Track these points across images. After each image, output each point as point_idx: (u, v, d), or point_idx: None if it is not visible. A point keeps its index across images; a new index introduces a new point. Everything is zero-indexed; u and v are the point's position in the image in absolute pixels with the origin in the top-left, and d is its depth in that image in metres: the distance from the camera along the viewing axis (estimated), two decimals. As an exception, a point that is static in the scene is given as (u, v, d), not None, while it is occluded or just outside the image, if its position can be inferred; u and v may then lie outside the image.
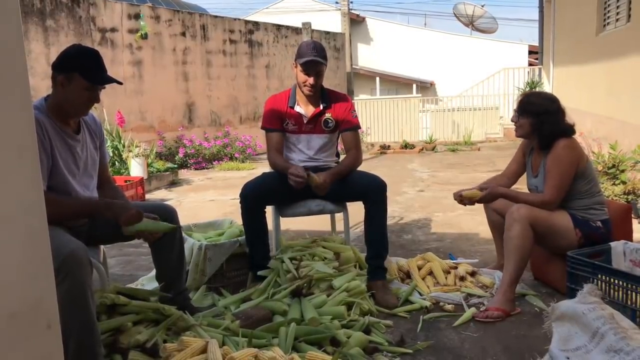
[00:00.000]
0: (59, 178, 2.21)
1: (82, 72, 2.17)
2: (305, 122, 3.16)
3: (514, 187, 3.09)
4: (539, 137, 2.81)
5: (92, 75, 2.20)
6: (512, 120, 2.95)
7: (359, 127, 3.26)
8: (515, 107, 2.93)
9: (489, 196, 2.88)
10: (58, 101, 2.22)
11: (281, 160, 3.12)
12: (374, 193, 2.94)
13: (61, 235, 2.01)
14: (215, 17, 10.61)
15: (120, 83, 2.33)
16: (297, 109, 3.15)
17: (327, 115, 3.17)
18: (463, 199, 2.89)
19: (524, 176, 3.08)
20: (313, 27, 11.82)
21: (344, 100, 3.24)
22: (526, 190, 3.03)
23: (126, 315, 2.32)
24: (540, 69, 12.58)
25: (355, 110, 3.27)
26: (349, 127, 3.20)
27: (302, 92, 3.11)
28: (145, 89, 8.84)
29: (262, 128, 3.23)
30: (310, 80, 3.04)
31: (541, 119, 2.76)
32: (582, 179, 2.74)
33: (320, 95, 3.17)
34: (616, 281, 2.29)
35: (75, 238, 2.05)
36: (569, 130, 2.79)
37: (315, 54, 3.01)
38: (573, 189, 2.74)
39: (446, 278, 3.06)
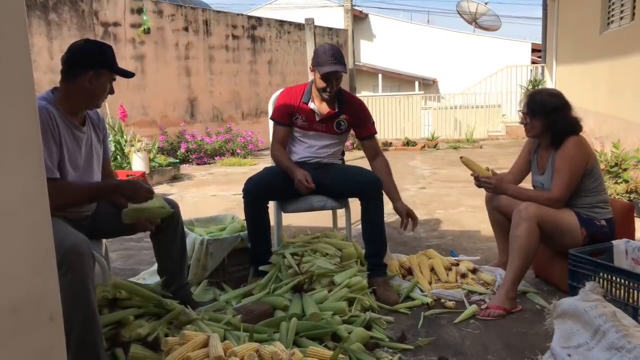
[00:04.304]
0: (61, 170, 2.22)
1: (109, 66, 2.25)
2: (317, 120, 3.14)
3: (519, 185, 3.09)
4: (551, 135, 2.80)
5: (116, 68, 2.29)
6: (521, 123, 2.93)
7: (376, 133, 3.27)
8: (521, 108, 2.90)
9: (493, 187, 2.88)
10: (76, 95, 2.24)
11: (285, 157, 3.11)
12: (369, 190, 2.93)
13: (64, 227, 2.01)
14: (218, 12, 10.59)
15: (133, 74, 2.45)
16: (312, 105, 3.12)
17: (341, 117, 3.15)
18: (462, 160, 3.00)
19: (529, 174, 3.07)
20: (316, 23, 11.78)
21: (360, 106, 3.24)
22: (531, 188, 3.02)
23: (128, 309, 2.33)
24: (543, 67, 12.54)
25: (371, 118, 3.28)
26: (368, 134, 3.21)
27: (321, 96, 3.09)
28: (148, 84, 8.84)
29: (271, 118, 3.21)
30: (331, 87, 3.02)
31: (552, 117, 2.75)
32: (589, 177, 2.74)
33: (337, 96, 3.13)
34: (618, 279, 2.29)
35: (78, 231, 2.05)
36: (578, 126, 2.78)
37: (334, 61, 2.96)
38: (580, 186, 2.73)
39: (447, 275, 3.06)
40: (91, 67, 2.21)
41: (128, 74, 2.39)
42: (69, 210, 2.27)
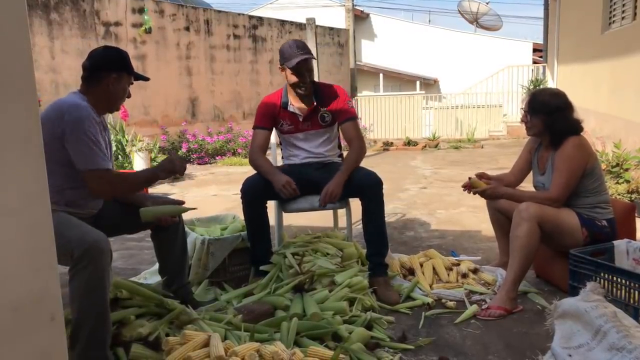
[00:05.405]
0: None
1: (128, 70, 2.39)
2: (300, 120, 3.12)
3: (520, 185, 3.09)
4: (550, 135, 2.80)
5: (134, 73, 2.43)
6: (521, 121, 2.93)
7: (356, 117, 3.20)
8: (523, 106, 2.91)
9: (489, 193, 2.87)
10: (100, 98, 2.33)
11: (264, 162, 3.07)
12: (369, 190, 2.92)
13: (82, 224, 2.09)
14: (219, 12, 10.60)
15: (149, 78, 2.62)
16: (291, 108, 3.11)
17: (322, 110, 3.12)
18: (469, 184, 2.92)
19: (530, 174, 3.07)
20: (317, 23, 11.80)
21: (337, 92, 3.17)
22: (532, 188, 3.02)
23: (129, 309, 2.33)
24: (544, 67, 12.54)
25: (350, 100, 3.22)
26: (347, 117, 3.12)
27: (297, 92, 3.07)
28: (149, 84, 8.82)
29: (253, 127, 3.18)
30: (304, 79, 3.00)
31: (553, 117, 2.75)
32: (590, 177, 2.74)
33: (313, 91, 3.11)
34: (619, 279, 2.29)
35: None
36: (579, 127, 2.78)
37: (302, 52, 2.96)
38: (580, 186, 2.73)
39: (448, 275, 3.06)
40: (113, 71, 2.32)
41: (144, 78, 2.54)
42: (80, 205, 2.32)
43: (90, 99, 2.31)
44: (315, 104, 3.11)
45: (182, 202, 2.65)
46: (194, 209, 2.65)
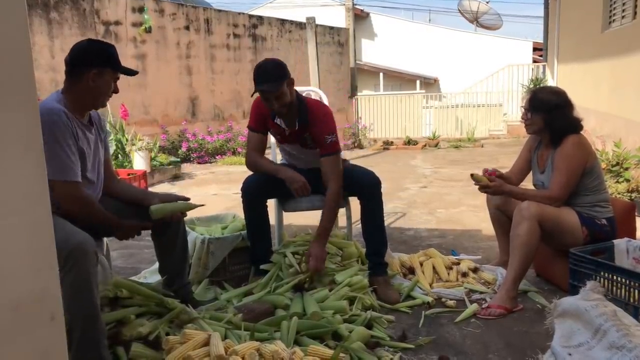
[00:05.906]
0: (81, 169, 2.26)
1: (112, 65, 2.28)
2: (287, 134, 3.02)
3: (521, 184, 3.09)
4: (550, 133, 2.80)
5: (120, 67, 2.31)
6: (522, 119, 2.93)
7: (335, 153, 2.90)
8: (524, 104, 2.92)
9: (493, 189, 2.86)
10: (82, 95, 2.26)
11: (265, 161, 3.03)
12: (368, 189, 2.90)
13: (68, 226, 2.04)
14: (219, 11, 10.59)
15: (136, 72, 2.47)
16: (278, 121, 2.99)
17: (306, 134, 2.97)
18: (473, 177, 2.90)
19: (530, 173, 3.07)
20: (317, 22, 11.78)
21: (320, 122, 2.91)
22: (531, 187, 3.02)
23: (129, 308, 2.33)
24: (544, 66, 12.52)
25: (332, 134, 2.90)
26: (324, 153, 2.90)
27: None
28: (149, 83, 8.84)
29: (248, 127, 3.10)
30: (270, 105, 2.83)
31: (552, 115, 2.76)
32: (589, 176, 2.74)
33: (298, 111, 2.91)
34: (619, 279, 2.29)
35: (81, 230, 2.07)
36: (579, 126, 2.78)
37: (263, 80, 2.76)
38: (580, 185, 2.73)
39: (448, 274, 3.06)
40: (94, 65, 2.23)
41: (131, 72, 2.41)
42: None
43: (71, 97, 2.24)
44: (297, 127, 2.94)
45: (188, 198, 2.63)
46: (202, 205, 2.64)
